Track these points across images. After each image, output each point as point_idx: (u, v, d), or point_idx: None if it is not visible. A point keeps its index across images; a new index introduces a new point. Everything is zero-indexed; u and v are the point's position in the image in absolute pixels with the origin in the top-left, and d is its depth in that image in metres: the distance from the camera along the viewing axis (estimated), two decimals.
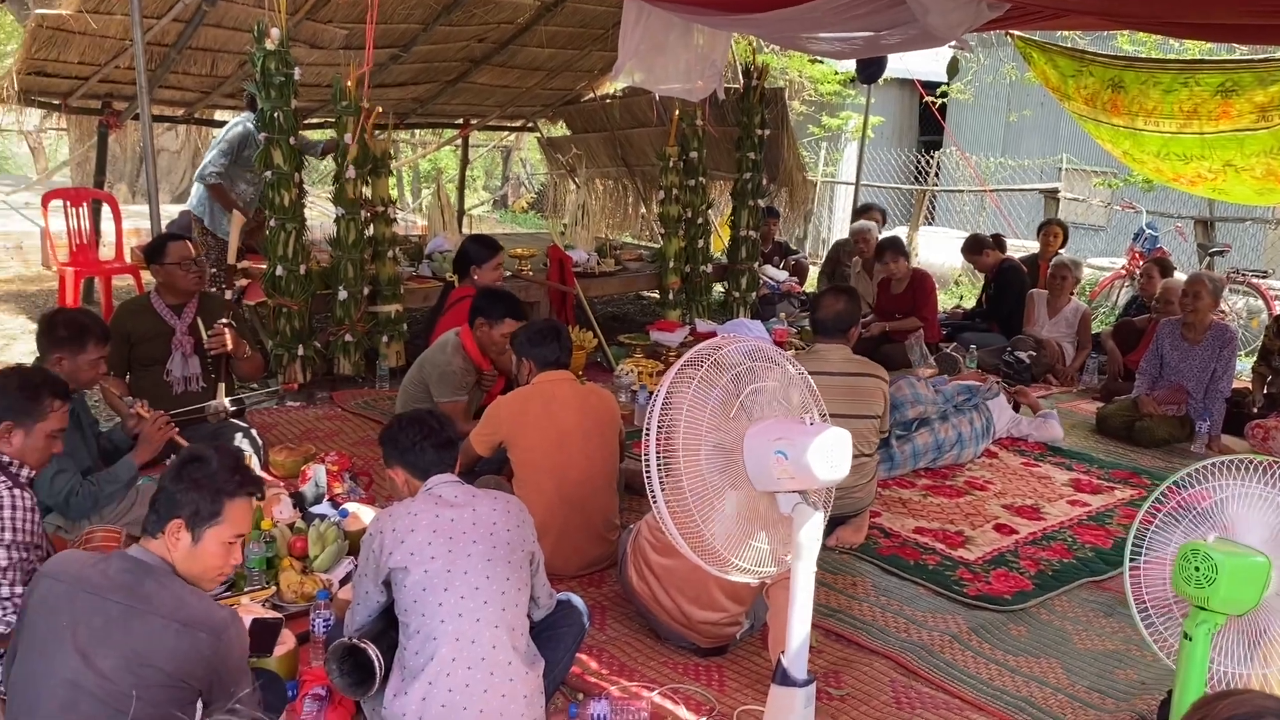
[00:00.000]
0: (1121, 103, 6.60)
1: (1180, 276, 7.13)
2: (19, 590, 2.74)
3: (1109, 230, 13.03)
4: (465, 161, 11.29)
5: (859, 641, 3.48)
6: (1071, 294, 7.21)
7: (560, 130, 11.00)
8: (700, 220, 7.56)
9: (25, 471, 2.88)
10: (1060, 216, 10.05)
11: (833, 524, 3.93)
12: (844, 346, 4.15)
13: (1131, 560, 2.79)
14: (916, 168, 14.09)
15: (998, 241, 7.86)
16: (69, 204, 6.88)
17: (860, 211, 8.83)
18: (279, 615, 3.17)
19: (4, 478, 2.77)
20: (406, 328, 6.05)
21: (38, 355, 3.65)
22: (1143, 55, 8.36)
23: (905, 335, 6.86)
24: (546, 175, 13.71)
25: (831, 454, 2.14)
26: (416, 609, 2.61)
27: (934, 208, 13.93)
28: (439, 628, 2.58)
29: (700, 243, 7.61)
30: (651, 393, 5.37)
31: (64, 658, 2.13)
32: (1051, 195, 11.24)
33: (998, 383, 5.82)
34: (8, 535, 2.75)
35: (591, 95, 10.02)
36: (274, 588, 3.44)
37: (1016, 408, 5.84)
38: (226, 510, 2.29)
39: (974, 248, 7.74)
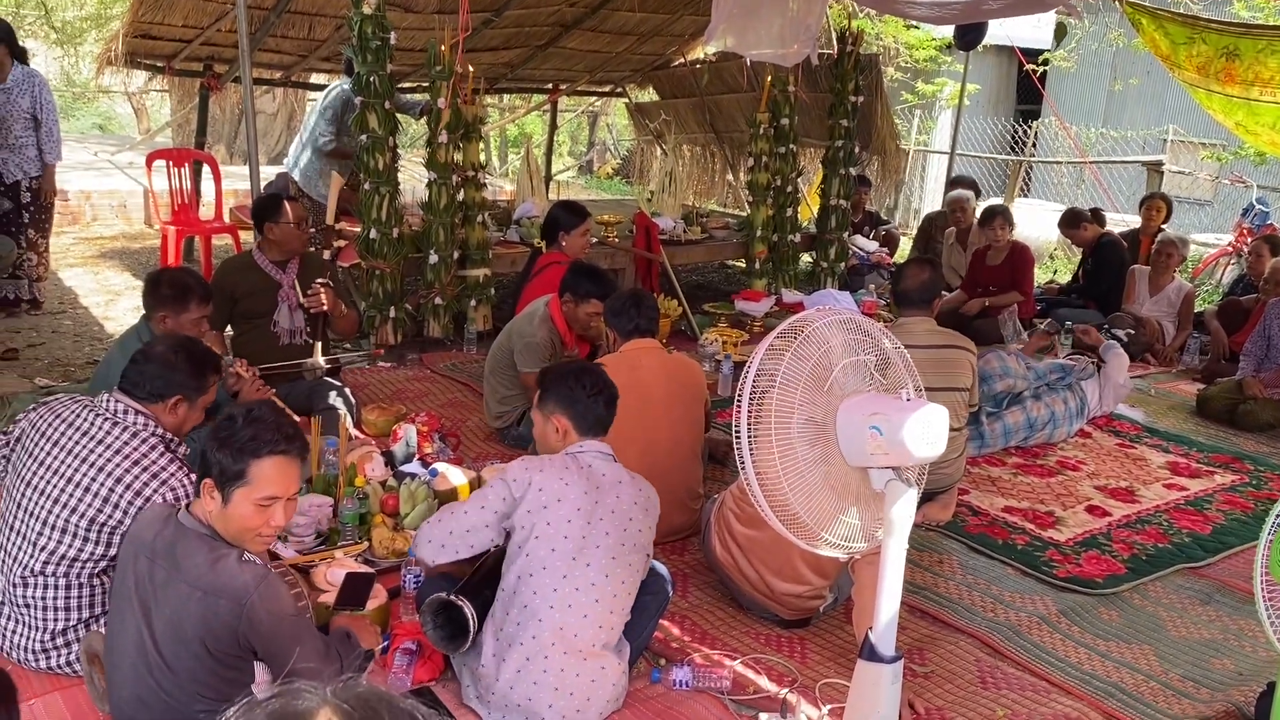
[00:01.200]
0: (1236, 72, 6.31)
1: None
2: None
3: (1215, 205, 12.53)
4: (553, 126, 11.31)
5: (945, 619, 3.43)
6: (1175, 272, 6.97)
7: (649, 95, 10.95)
8: (789, 188, 7.48)
9: (181, 449, 2.90)
10: (1164, 190, 9.70)
11: (920, 500, 3.90)
12: (929, 318, 4.11)
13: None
14: (1013, 138, 13.71)
15: (1096, 216, 7.61)
16: (171, 164, 7.08)
17: (954, 183, 8.64)
18: (371, 570, 3.25)
19: (179, 464, 2.76)
20: (494, 292, 6.12)
21: (145, 313, 3.77)
22: (1260, 22, 7.98)
23: (1002, 310, 6.72)
24: (632, 141, 13.68)
25: (928, 431, 2.10)
26: (530, 582, 2.62)
27: (1030, 179, 13.54)
28: (546, 612, 2.60)
29: (789, 211, 7.52)
30: (736, 362, 5.37)
31: (133, 620, 2.20)
32: (1155, 168, 10.85)
33: (1092, 362, 5.67)
34: None
35: (681, 60, 9.94)
36: (366, 543, 3.53)
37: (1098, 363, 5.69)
38: (252, 470, 2.17)
39: (1071, 222, 7.52)
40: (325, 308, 4.49)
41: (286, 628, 2.22)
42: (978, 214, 7.72)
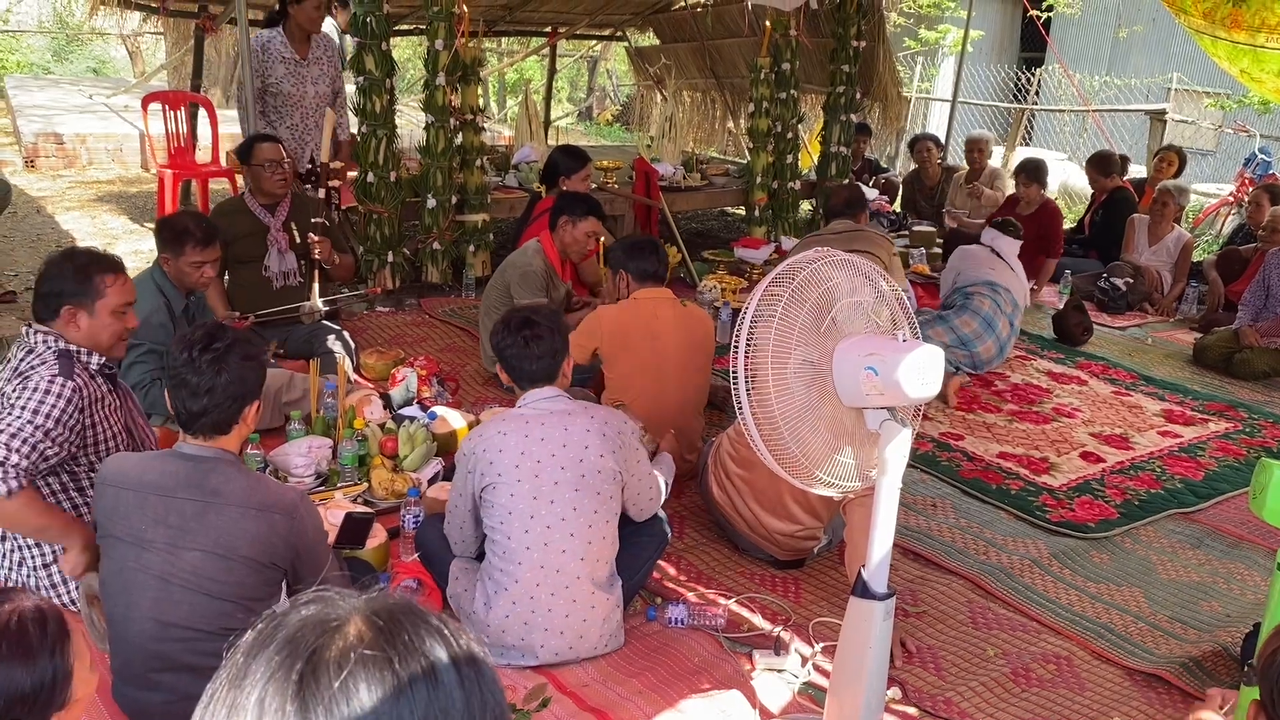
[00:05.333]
0: (1243, 17, 6.23)
1: None
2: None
3: (1218, 154, 12.46)
4: (552, 71, 11.19)
5: (937, 561, 3.48)
6: (1175, 221, 6.94)
7: (649, 40, 10.83)
8: (790, 135, 7.42)
9: (95, 358, 2.79)
10: (1167, 139, 9.64)
11: None
12: (846, 221, 4.89)
13: None
14: (1016, 85, 13.58)
15: (1122, 164, 7.59)
16: (167, 107, 7.01)
17: (918, 138, 8.59)
18: (370, 510, 3.29)
19: (55, 366, 2.66)
20: (492, 237, 6.10)
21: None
22: None
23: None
24: (633, 87, 13.56)
25: (924, 371, 2.11)
26: (503, 529, 2.67)
27: (1032, 128, 13.45)
28: (524, 554, 2.65)
29: (789, 158, 7.47)
30: (735, 309, 5.37)
31: (149, 557, 2.25)
32: (1158, 117, 10.76)
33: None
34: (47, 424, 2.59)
35: (682, 3, 9.82)
36: (366, 485, 3.56)
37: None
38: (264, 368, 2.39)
39: (1102, 168, 7.41)
40: (320, 257, 4.50)
41: (321, 542, 2.44)
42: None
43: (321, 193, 4.81)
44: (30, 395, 2.58)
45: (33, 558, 2.79)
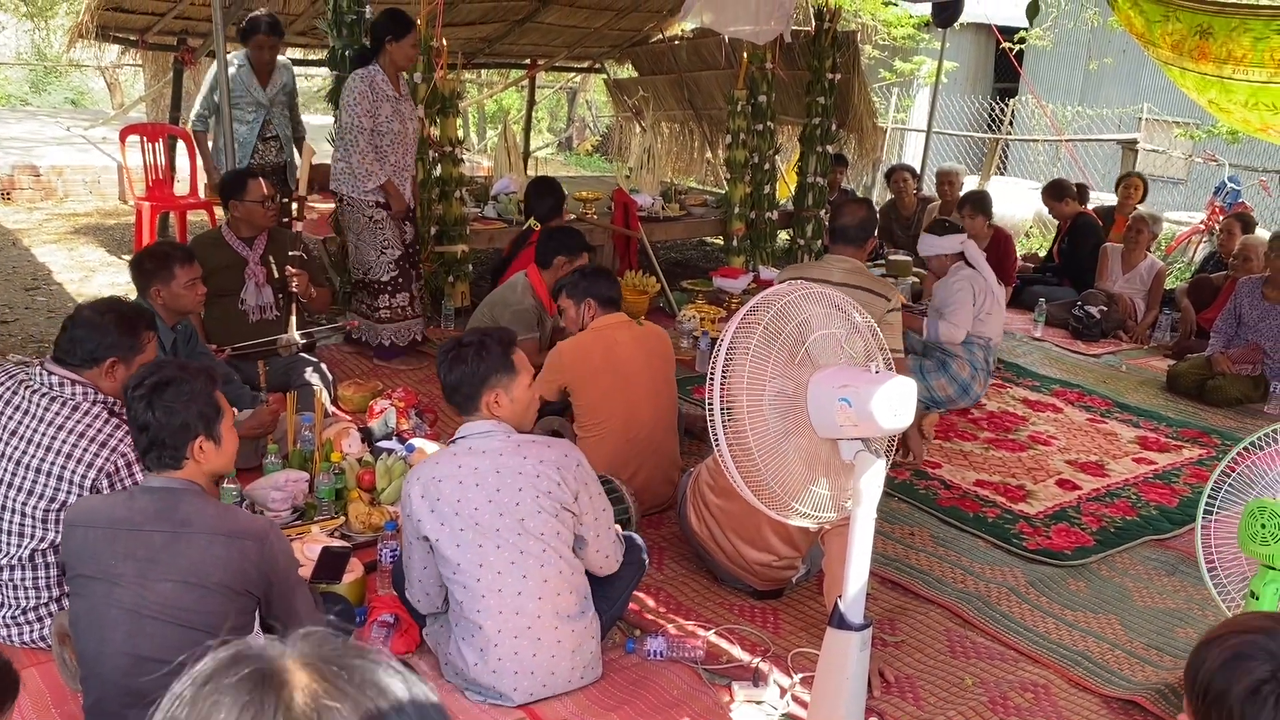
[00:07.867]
0: (1209, 50, 6.36)
1: (1263, 233, 6.92)
2: None
3: (1189, 183, 12.65)
4: (531, 103, 11.26)
5: (915, 590, 3.49)
6: (1148, 249, 7.03)
7: (627, 72, 10.92)
8: (767, 165, 7.48)
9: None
10: (1139, 168, 9.77)
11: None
12: (854, 259, 4.07)
13: (1204, 517, 2.75)
14: (990, 116, 13.76)
15: (1081, 192, 7.67)
16: (145, 139, 7.01)
17: (895, 169, 8.65)
18: (347, 545, 3.27)
19: (126, 429, 2.70)
20: (471, 268, 6.10)
21: (138, 296, 3.77)
22: (1234, 0, 8.03)
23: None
24: (612, 118, 13.66)
25: (896, 403, 2.14)
26: (458, 580, 2.63)
27: (1007, 157, 13.61)
28: (482, 601, 2.61)
29: (766, 188, 7.52)
30: (713, 339, 5.39)
31: (120, 593, 2.23)
32: (1130, 146, 10.91)
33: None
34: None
35: (660, 36, 9.91)
36: (343, 518, 3.54)
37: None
38: (219, 401, 2.35)
39: (1055, 193, 7.52)
40: (297, 290, 4.51)
41: (293, 571, 2.43)
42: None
43: (299, 226, 4.81)
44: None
45: (18, 599, 2.77)
